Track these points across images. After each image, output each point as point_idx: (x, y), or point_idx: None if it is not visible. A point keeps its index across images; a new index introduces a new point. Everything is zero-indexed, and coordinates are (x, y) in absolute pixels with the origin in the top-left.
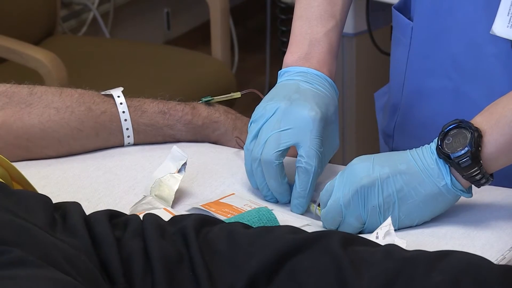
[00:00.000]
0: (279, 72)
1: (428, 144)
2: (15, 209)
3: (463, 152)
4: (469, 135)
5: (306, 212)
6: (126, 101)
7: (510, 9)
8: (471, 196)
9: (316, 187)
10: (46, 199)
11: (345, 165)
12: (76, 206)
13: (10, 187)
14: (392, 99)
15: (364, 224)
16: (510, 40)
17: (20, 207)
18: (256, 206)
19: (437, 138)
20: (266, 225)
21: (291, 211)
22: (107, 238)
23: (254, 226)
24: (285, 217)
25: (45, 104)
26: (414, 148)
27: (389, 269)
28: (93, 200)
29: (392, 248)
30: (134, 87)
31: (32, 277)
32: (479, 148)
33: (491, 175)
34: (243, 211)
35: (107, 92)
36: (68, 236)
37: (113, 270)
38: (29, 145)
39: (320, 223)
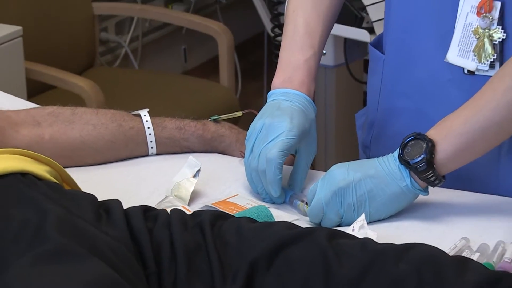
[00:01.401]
0: (268, 93)
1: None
2: (69, 206)
3: (419, 159)
4: (424, 145)
5: (293, 207)
6: (150, 119)
7: (459, 42)
8: (428, 194)
9: (302, 189)
10: (92, 197)
11: (326, 171)
12: (117, 202)
13: (63, 187)
14: (369, 117)
15: (342, 218)
16: (462, 67)
17: (72, 204)
18: (256, 205)
19: (399, 147)
20: (263, 219)
21: (283, 202)
22: (142, 230)
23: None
24: (279, 213)
25: (85, 122)
26: (380, 156)
27: (365, 259)
28: (124, 199)
29: (367, 241)
30: (157, 109)
31: (75, 271)
32: (433, 155)
33: (443, 176)
34: (246, 208)
35: (136, 112)
36: (111, 229)
37: (146, 257)
38: (72, 155)
39: (307, 218)
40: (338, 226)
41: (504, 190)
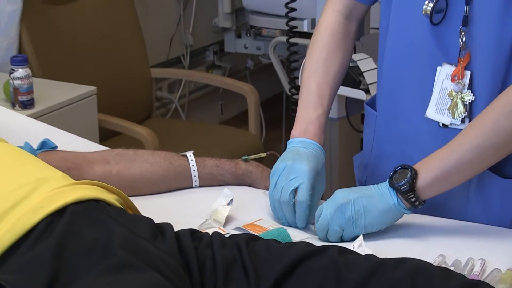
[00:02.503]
0: (288, 141)
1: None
2: (131, 226)
3: (403, 182)
4: (409, 173)
5: (306, 229)
6: (194, 159)
7: (437, 102)
8: (410, 213)
9: (311, 211)
10: (150, 220)
11: None
12: (169, 225)
13: (127, 211)
14: (364, 159)
15: (343, 230)
16: (438, 122)
17: (134, 225)
18: (277, 227)
19: (390, 175)
20: (283, 238)
21: (297, 226)
22: (190, 248)
23: (275, 239)
24: (294, 233)
25: (143, 160)
26: (376, 184)
27: (368, 268)
28: (173, 221)
29: (370, 256)
30: (200, 151)
31: (134, 280)
32: (414, 181)
33: (423, 201)
34: (268, 230)
35: (183, 153)
36: (164, 246)
37: (193, 270)
38: (133, 187)
39: (316, 237)
40: (342, 241)
41: (472, 217)
